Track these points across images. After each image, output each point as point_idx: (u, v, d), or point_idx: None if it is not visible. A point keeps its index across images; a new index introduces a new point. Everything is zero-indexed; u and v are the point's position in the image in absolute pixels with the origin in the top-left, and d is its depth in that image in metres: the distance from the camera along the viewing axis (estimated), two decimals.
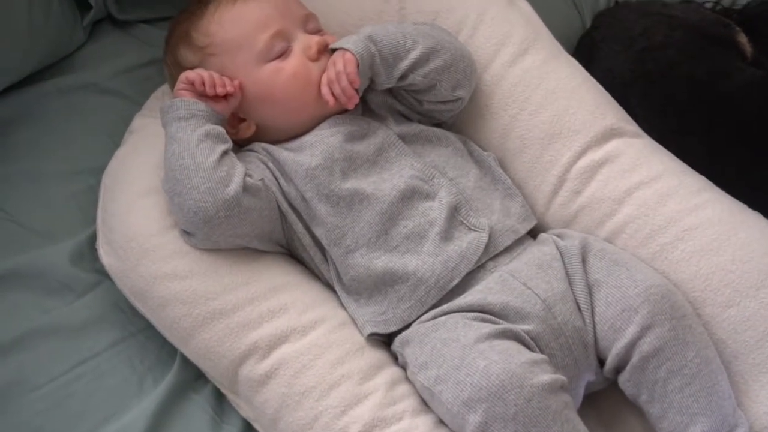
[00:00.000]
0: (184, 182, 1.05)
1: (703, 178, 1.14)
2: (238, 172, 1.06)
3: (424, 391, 1.02)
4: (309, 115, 1.14)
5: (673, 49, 1.22)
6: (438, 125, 1.20)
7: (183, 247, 1.09)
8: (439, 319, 1.04)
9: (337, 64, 1.09)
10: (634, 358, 1.01)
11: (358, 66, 1.09)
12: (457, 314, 1.04)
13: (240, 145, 1.17)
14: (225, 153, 1.08)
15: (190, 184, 1.05)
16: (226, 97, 1.12)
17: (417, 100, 1.17)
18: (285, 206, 1.10)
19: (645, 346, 1.01)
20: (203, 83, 1.09)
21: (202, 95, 1.10)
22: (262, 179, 1.09)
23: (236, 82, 1.12)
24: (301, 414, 1.02)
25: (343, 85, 1.09)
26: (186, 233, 1.09)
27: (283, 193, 1.11)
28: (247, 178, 1.07)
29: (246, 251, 1.11)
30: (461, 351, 0.98)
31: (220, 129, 1.10)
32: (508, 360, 0.95)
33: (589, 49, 1.30)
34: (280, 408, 1.03)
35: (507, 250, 1.10)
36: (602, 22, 1.33)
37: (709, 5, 1.36)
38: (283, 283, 1.10)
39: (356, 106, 1.14)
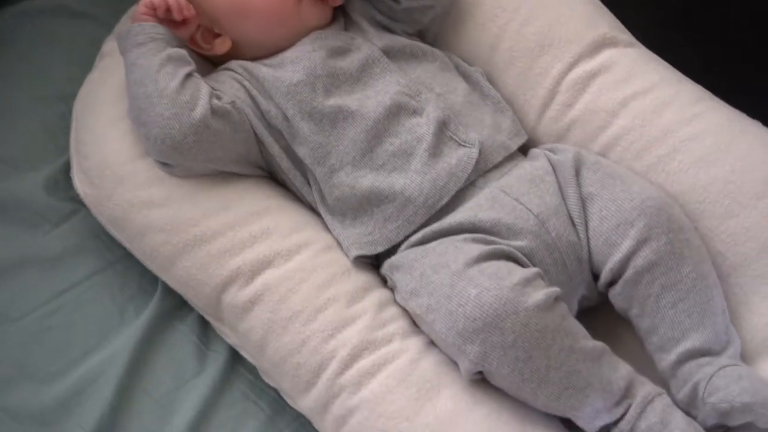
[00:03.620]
0: (148, 111, 1.01)
1: (701, 87, 1.09)
2: (203, 94, 1.02)
3: (416, 316, 1.00)
4: (287, 28, 1.09)
5: None
6: (423, 40, 1.15)
7: (159, 173, 1.06)
8: (429, 245, 1.01)
9: None
10: (628, 272, 0.98)
11: None
12: (447, 239, 1.00)
13: (216, 64, 1.12)
14: (188, 76, 1.03)
15: (155, 112, 1.01)
16: (184, 21, 1.07)
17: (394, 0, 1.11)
18: (261, 129, 1.06)
19: (640, 260, 0.98)
20: (167, 9, 1.05)
21: (162, 21, 1.06)
22: (232, 102, 1.05)
23: (191, 8, 1.07)
24: (288, 339, 0.99)
25: None
26: (160, 164, 1.05)
27: (261, 112, 1.06)
28: (215, 101, 1.03)
29: (225, 176, 1.07)
30: (451, 278, 0.95)
31: (182, 51, 1.05)
32: (499, 285, 0.92)
33: None
34: (266, 334, 1.00)
35: (498, 166, 1.06)
36: None
37: None
38: (264, 207, 1.06)
39: (338, 21, 1.09)
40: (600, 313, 1.05)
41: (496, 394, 0.96)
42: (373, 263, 1.06)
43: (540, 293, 0.92)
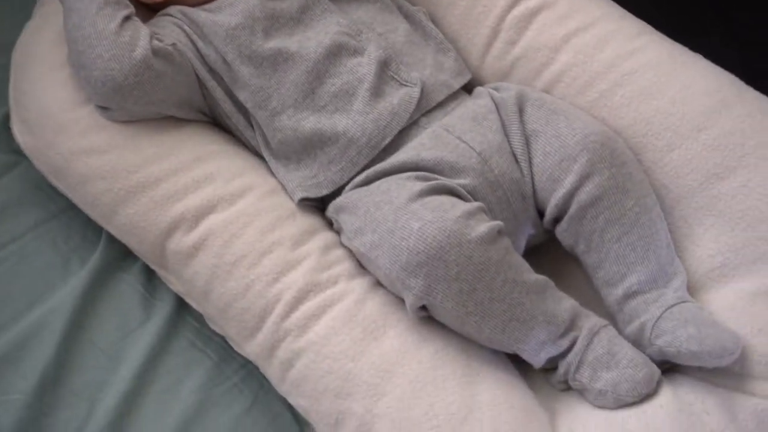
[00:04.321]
0: (87, 53, 0.99)
1: (642, 22, 1.09)
2: (143, 35, 1.00)
3: (361, 256, 0.99)
4: None
5: None
6: None
7: (100, 120, 1.04)
8: (372, 184, 1.00)
9: None
10: (573, 208, 0.98)
11: None
12: (390, 177, 1.00)
13: (156, 11, 1.10)
14: (127, 18, 1.01)
15: (94, 54, 0.99)
16: None
17: None
18: (203, 72, 1.04)
19: (583, 195, 0.97)
20: None
21: None
22: (173, 44, 1.03)
23: None
24: (233, 284, 0.98)
25: None
26: (101, 108, 1.03)
27: (201, 57, 1.05)
28: (156, 42, 1.01)
29: (168, 122, 1.05)
30: (394, 213, 0.94)
31: None
32: (442, 217, 0.91)
33: None
34: (210, 279, 0.99)
35: (441, 105, 1.06)
36: None
37: None
38: (208, 152, 1.05)
39: None
40: (548, 251, 1.05)
41: (442, 333, 0.96)
42: (318, 206, 1.05)
43: (483, 226, 0.92)
